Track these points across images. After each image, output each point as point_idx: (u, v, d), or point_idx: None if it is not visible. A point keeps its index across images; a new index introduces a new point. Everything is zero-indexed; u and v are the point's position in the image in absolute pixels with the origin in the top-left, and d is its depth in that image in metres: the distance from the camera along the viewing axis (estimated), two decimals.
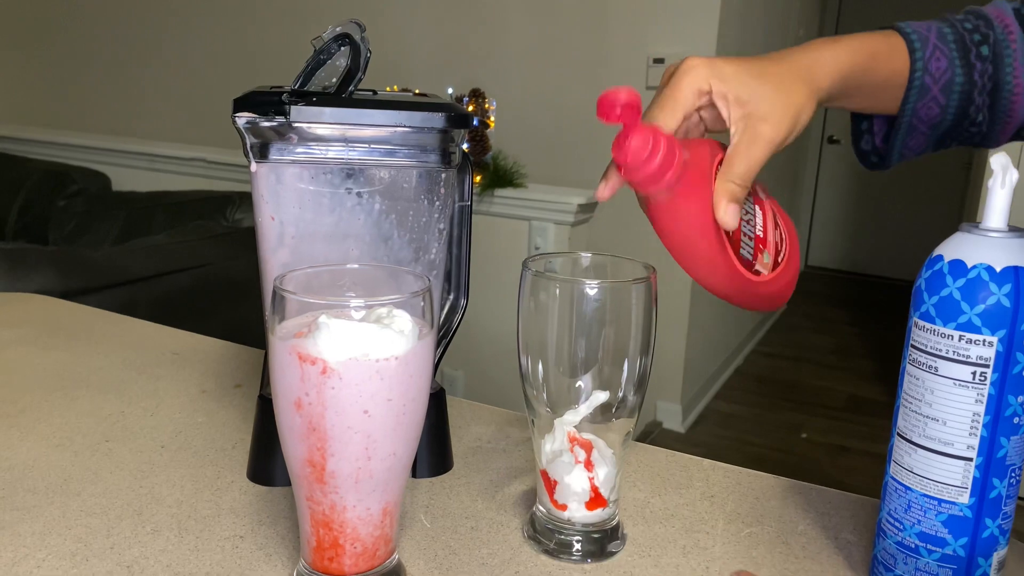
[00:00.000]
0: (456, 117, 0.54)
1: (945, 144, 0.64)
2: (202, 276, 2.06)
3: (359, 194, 0.53)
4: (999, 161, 0.42)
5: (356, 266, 0.46)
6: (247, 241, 2.34)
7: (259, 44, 2.84)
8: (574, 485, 0.49)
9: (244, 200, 2.46)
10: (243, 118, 0.51)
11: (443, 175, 0.55)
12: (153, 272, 1.95)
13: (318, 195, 0.53)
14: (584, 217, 2.44)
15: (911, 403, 0.45)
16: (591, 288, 0.47)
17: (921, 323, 0.44)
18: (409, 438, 0.42)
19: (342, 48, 0.52)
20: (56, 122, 3.38)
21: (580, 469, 0.49)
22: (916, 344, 0.44)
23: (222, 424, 0.68)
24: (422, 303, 0.42)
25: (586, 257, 0.53)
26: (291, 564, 0.48)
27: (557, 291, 0.48)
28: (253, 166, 0.52)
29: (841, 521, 0.56)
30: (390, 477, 0.42)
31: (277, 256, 0.54)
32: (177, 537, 0.51)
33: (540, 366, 0.49)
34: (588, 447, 0.49)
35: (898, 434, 0.46)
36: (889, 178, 5.29)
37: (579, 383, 0.48)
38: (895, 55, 0.59)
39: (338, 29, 0.52)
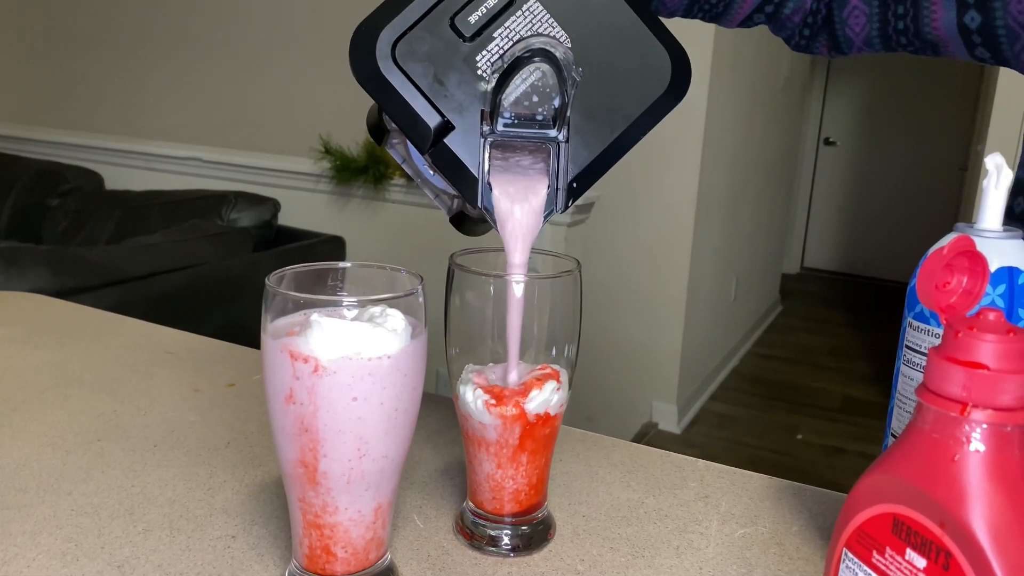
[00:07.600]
0: None
1: (692, 12, 0.66)
2: (197, 275, 2.05)
3: None
4: (993, 161, 0.42)
5: (349, 264, 0.46)
6: (242, 240, 2.34)
7: (253, 41, 2.84)
8: (468, 396, 0.48)
9: (239, 199, 2.45)
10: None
11: None
12: (148, 271, 1.95)
13: None
14: (580, 218, 2.44)
15: (905, 403, 0.45)
16: (517, 282, 0.47)
17: (915, 323, 0.44)
18: (401, 438, 0.42)
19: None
20: (49, 120, 3.37)
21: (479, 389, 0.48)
22: (910, 344, 0.44)
23: (215, 423, 0.67)
24: (415, 302, 0.42)
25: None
26: (283, 564, 0.48)
27: (484, 286, 0.48)
28: None
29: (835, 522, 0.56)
30: (382, 479, 0.42)
31: None
32: (169, 537, 0.51)
33: (469, 359, 0.50)
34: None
35: (892, 435, 0.46)
36: (885, 180, 5.30)
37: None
38: None
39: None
